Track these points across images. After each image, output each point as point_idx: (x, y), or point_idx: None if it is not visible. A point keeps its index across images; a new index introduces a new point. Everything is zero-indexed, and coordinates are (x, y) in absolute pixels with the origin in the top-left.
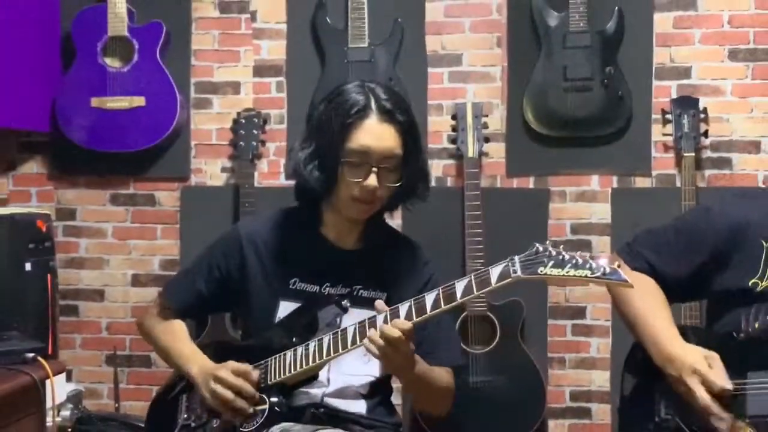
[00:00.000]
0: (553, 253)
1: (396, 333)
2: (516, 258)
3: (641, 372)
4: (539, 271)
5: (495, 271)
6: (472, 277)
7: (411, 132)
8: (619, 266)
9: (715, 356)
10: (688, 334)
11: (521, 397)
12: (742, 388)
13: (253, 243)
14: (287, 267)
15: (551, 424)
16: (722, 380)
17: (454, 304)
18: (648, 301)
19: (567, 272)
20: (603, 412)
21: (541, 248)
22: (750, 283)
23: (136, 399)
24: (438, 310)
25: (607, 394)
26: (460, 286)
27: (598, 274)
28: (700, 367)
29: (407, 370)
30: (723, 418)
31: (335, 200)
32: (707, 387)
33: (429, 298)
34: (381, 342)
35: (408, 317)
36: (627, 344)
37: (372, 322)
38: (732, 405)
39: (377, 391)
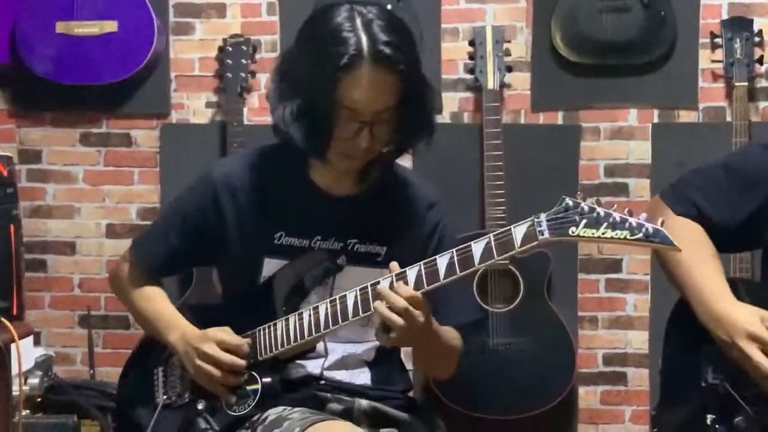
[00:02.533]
0: (586, 209)
1: (402, 303)
2: (543, 216)
3: (687, 332)
4: (570, 233)
5: (518, 232)
6: (492, 239)
7: (413, 79)
8: (663, 223)
9: None
10: (739, 288)
11: (547, 361)
12: None
13: (231, 191)
14: (271, 219)
15: (581, 391)
16: None
17: (471, 270)
18: (695, 251)
19: (603, 233)
20: (640, 378)
21: (571, 203)
22: None
23: (112, 364)
24: (453, 277)
25: (645, 357)
26: (477, 249)
27: (639, 235)
28: (757, 330)
29: (422, 342)
30: None
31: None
32: (766, 351)
33: (441, 263)
34: (390, 315)
35: (418, 284)
36: (669, 301)
37: (375, 287)
38: None
39: (384, 357)
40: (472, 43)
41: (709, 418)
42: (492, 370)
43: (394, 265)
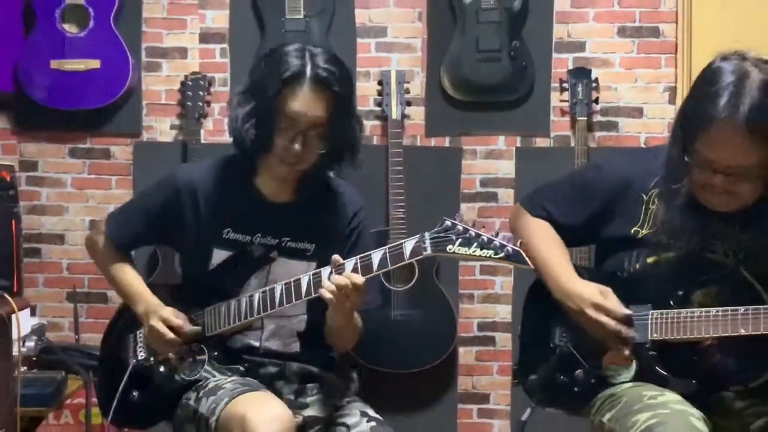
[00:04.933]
0: (461, 230)
1: (348, 283)
2: (426, 235)
3: (540, 305)
4: (447, 249)
5: (408, 246)
6: (387, 251)
7: (343, 101)
8: (521, 244)
9: (608, 290)
10: (580, 272)
11: (436, 328)
12: None
13: (191, 192)
14: (221, 217)
15: (461, 350)
16: (620, 308)
17: (370, 276)
18: (548, 244)
19: (473, 252)
20: (505, 340)
21: (450, 223)
22: (632, 231)
23: (93, 332)
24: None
25: (509, 325)
26: (376, 258)
27: (502, 255)
28: (598, 300)
29: (349, 317)
30: (630, 337)
31: (270, 153)
32: (610, 315)
33: (348, 265)
34: (335, 291)
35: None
36: (526, 282)
37: (318, 276)
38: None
39: (311, 327)
40: (380, 83)
41: (556, 371)
42: (393, 335)
43: (336, 257)
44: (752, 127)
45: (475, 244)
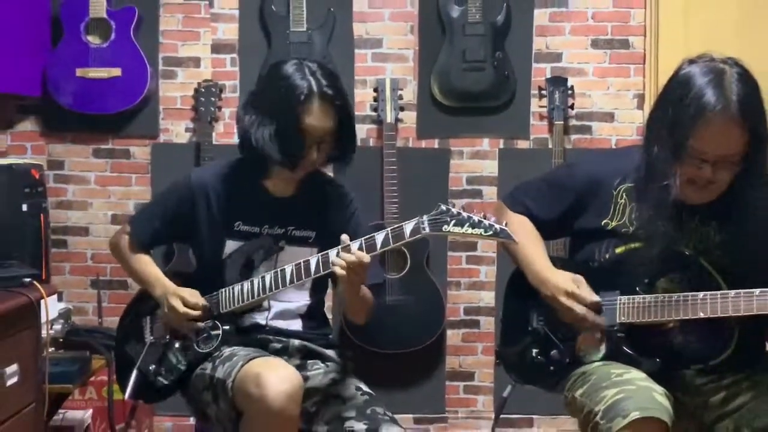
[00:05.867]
0: (455, 212)
1: (356, 260)
2: (425, 217)
3: (519, 292)
4: (443, 229)
5: (408, 227)
6: (389, 232)
7: (346, 111)
8: (506, 224)
9: (580, 278)
10: (555, 262)
11: (426, 312)
12: None
13: (204, 191)
14: (232, 212)
15: (449, 332)
16: (591, 296)
17: (375, 253)
18: (526, 237)
19: (466, 230)
20: (489, 323)
21: (445, 208)
22: (602, 223)
23: (115, 315)
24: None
25: (492, 310)
26: (379, 238)
27: (491, 232)
28: (570, 287)
29: (358, 290)
30: (597, 323)
31: (299, 167)
32: (581, 302)
33: (354, 245)
34: (345, 266)
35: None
36: (508, 271)
37: (326, 256)
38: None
39: (312, 311)
40: (376, 90)
41: (534, 351)
42: (388, 319)
43: (344, 236)
44: (743, 114)
45: (468, 224)
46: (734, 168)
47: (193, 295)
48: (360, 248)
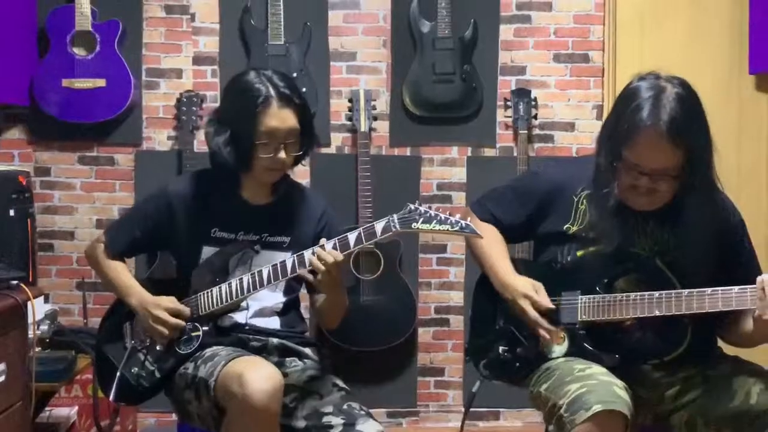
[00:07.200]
0: (422, 210)
1: (330, 258)
2: (395, 215)
3: (486, 293)
4: (412, 226)
5: (379, 226)
6: (361, 231)
7: (304, 110)
8: (470, 221)
9: (539, 285)
10: (519, 264)
11: (399, 311)
12: (557, 303)
13: (182, 201)
14: (209, 219)
15: (420, 330)
16: (547, 302)
17: (348, 252)
18: (491, 243)
19: (433, 227)
20: (458, 322)
21: (413, 207)
22: (564, 228)
23: (99, 317)
24: (345, 252)
25: (461, 309)
26: (352, 237)
27: (457, 228)
28: (529, 293)
29: (335, 289)
30: (548, 329)
31: (251, 169)
32: (536, 307)
33: (328, 245)
34: (320, 265)
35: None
36: (476, 272)
37: (301, 256)
38: (550, 315)
39: (289, 309)
40: (350, 101)
41: (501, 348)
42: (362, 318)
43: (323, 240)
44: (672, 133)
45: (435, 221)
46: (674, 180)
47: (172, 302)
48: (334, 247)
